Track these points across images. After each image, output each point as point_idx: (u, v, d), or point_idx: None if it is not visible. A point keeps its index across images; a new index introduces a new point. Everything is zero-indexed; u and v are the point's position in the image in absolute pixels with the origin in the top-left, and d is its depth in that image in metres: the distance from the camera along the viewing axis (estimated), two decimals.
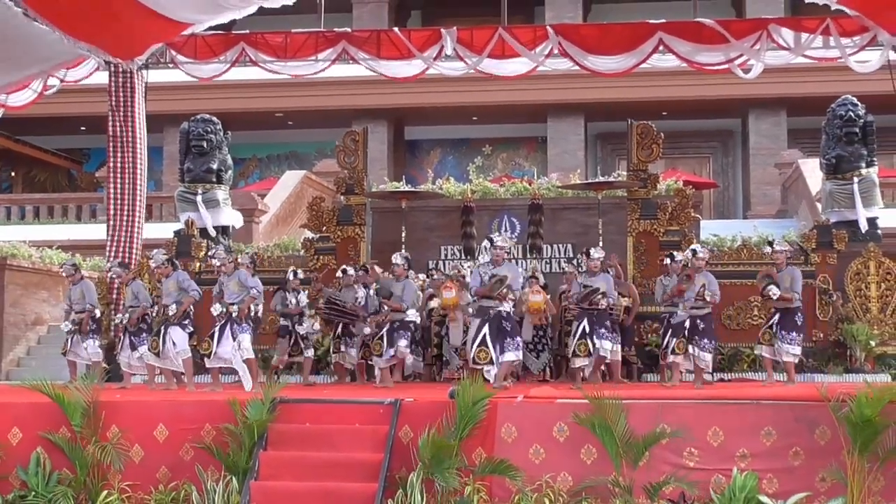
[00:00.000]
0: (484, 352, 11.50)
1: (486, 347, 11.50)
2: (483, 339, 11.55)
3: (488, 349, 11.49)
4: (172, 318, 12.32)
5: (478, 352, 11.53)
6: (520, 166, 29.96)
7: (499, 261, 12.01)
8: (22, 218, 24.58)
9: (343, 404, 10.07)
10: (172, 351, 12.31)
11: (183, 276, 12.56)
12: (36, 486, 9.49)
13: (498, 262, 12.02)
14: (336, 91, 26.60)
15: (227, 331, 12.01)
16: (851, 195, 15.75)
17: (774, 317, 12.18)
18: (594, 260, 12.36)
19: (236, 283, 12.16)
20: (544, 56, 15.10)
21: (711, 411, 9.27)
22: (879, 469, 8.71)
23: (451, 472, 8.87)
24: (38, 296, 18.99)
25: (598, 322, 12.13)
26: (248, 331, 12.01)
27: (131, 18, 13.49)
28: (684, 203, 14.92)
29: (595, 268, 12.35)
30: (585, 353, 12.04)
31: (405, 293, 12.58)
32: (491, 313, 11.66)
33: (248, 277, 12.41)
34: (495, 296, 11.62)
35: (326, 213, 15.44)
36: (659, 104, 26.49)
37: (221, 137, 17.21)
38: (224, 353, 11.98)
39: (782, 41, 14.60)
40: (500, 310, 11.66)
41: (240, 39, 15.46)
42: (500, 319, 11.65)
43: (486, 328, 11.59)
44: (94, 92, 18.66)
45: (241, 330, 11.92)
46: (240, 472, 9.27)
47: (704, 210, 26.85)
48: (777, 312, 12.15)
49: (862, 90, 17.75)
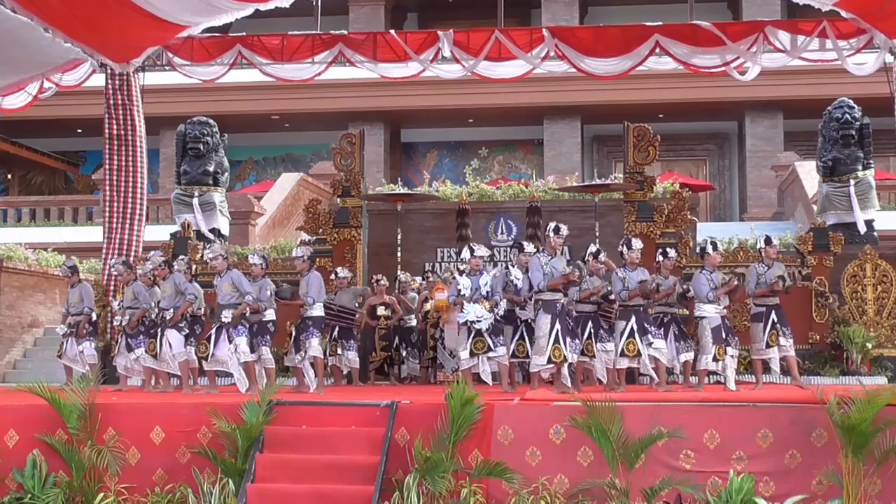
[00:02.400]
0: (558, 349, 10.85)
1: (560, 344, 10.83)
2: (556, 336, 10.86)
3: (562, 347, 10.82)
4: (170, 321, 12.30)
5: (553, 349, 10.85)
6: (516, 169, 30.01)
7: (477, 269, 11.50)
8: (18, 220, 24.58)
9: (339, 407, 10.06)
10: (169, 354, 12.29)
11: (180, 279, 12.53)
12: (32, 489, 9.47)
13: (480, 269, 11.54)
14: (332, 93, 26.60)
15: (224, 334, 11.99)
16: (848, 198, 15.78)
17: (772, 316, 11.77)
18: (635, 251, 11.68)
19: (229, 285, 12.10)
20: (541, 58, 15.13)
21: (708, 414, 9.26)
22: (875, 472, 8.71)
23: (443, 476, 8.85)
24: (34, 298, 18.97)
25: (647, 320, 11.53)
26: (244, 333, 11.94)
27: (127, 20, 13.51)
28: (681, 205, 14.93)
29: (637, 260, 11.68)
30: (634, 353, 11.31)
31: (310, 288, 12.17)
32: (558, 308, 10.99)
33: (185, 282, 12.42)
34: (572, 279, 10.95)
35: (323, 215, 15.44)
36: (655, 107, 26.52)
37: (218, 140, 17.21)
38: (222, 356, 11.96)
39: (778, 44, 14.64)
40: (563, 302, 11.09)
41: (236, 42, 15.47)
42: (565, 314, 11.08)
43: (557, 324, 10.89)
44: (90, 94, 18.63)
45: (238, 333, 11.87)
46: (236, 475, 9.25)
47: (701, 212, 26.86)
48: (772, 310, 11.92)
49: (858, 93, 17.77)
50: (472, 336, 11.30)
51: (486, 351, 11.29)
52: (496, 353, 11.34)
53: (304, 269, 12.30)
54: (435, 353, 13.94)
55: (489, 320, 11.29)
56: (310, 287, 12.07)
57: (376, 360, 14.05)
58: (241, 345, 11.84)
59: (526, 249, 11.63)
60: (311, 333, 11.94)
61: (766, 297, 11.78)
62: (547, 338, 10.82)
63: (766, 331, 11.69)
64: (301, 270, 12.36)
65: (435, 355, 13.95)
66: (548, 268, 11.05)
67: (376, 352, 14.00)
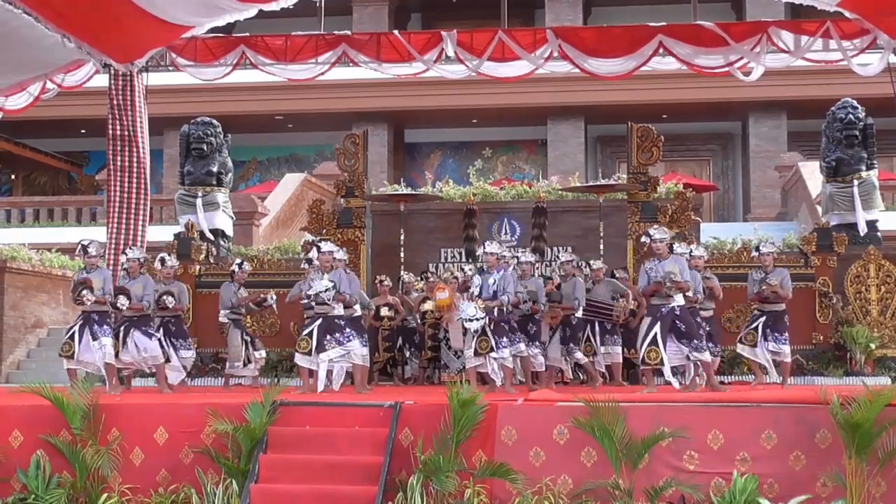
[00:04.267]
0: (654, 351, 10.89)
1: (657, 347, 10.89)
2: (654, 338, 10.93)
3: (659, 349, 10.87)
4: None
5: (648, 351, 10.94)
6: (520, 169, 30.01)
7: (495, 266, 11.65)
8: (22, 221, 24.60)
9: (343, 407, 10.06)
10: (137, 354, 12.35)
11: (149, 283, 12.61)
12: (36, 489, 9.48)
13: (495, 267, 11.69)
14: (336, 94, 26.61)
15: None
16: (851, 198, 15.78)
17: (760, 319, 12.26)
18: (664, 240, 11.34)
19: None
20: (544, 59, 15.10)
21: (711, 414, 9.25)
22: (879, 473, 8.69)
23: (447, 476, 8.85)
24: (37, 299, 19.00)
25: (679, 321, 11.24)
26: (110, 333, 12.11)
27: (130, 21, 13.48)
28: (684, 206, 14.92)
29: (663, 249, 11.37)
30: (657, 360, 11.03)
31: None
32: (663, 311, 11.03)
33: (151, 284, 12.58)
34: (666, 291, 10.95)
35: (326, 215, 15.44)
36: (659, 107, 26.50)
37: (221, 140, 17.22)
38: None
39: (782, 44, 14.60)
40: (673, 306, 11.05)
41: (240, 42, 15.45)
42: (674, 318, 11.11)
43: (657, 327, 10.96)
44: (94, 95, 18.65)
45: (103, 332, 12.11)
46: (239, 475, 9.26)
47: (704, 213, 26.88)
48: (763, 315, 12.22)
49: (862, 93, 17.75)
50: (478, 335, 11.32)
51: (489, 350, 11.30)
52: (499, 353, 11.33)
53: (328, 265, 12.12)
54: (433, 354, 13.94)
55: (482, 321, 11.30)
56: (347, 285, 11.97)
57: (380, 360, 14.05)
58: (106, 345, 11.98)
59: (487, 249, 11.79)
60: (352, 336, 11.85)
61: (765, 302, 11.98)
62: (641, 340, 11.06)
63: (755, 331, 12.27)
64: (324, 267, 12.13)
65: (433, 355, 13.95)
66: (653, 272, 11.11)
67: (379, 352, 14.00)
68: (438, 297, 12.41)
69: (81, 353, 12.13)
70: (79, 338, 12.01)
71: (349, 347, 11.75)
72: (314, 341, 11.72)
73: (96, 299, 11.91)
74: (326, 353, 11.66)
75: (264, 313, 14.58)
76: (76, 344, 12.17)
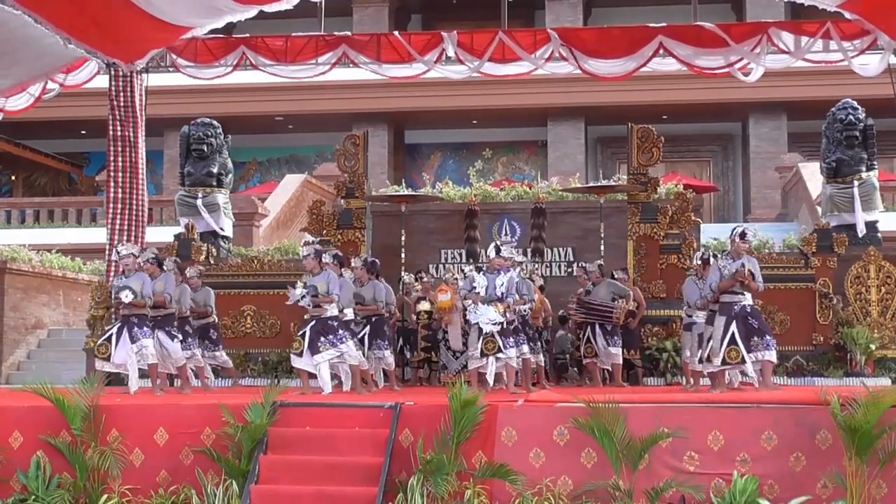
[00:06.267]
0: (735, 350, 10.86)
1: (737, 346, 10.87)
2: (732, 337, 10.89)
3: (739, 348, 10.86)
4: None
5: (728, 351, 10.89)
6: (520, 170, 30.01)
7: (501, 268, 11.60)
8: (22, 222, 24.60)
9: (343, 408, 10.06)
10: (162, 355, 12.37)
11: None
12: (36, 490, 9.47)
13: (500, 269, 11.63)
14: (336, 95, 26.63)
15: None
16: (851, 199, 15.75)
17: (731, 325, 11.04)
18: (752, 242, 11.35)
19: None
20: (545, 60, 15.10)
21: (711, 415, 9.24)
22: (880, 474, 8.69)
23: (447, 477, 8.85)
24: (38, 299, 19.00)
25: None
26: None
27: (131, 22, 13.50)
28: (685, 206, 14.93)
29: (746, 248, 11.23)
30: (737, 359, 10.97)
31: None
32: (735, 309, 11.01)
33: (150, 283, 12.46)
34: (739, 283, 10.92)
35: (327, 216, 15.44)
36: (659, 108, 26.51)
37: (222, 141, 17.20)
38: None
39: (782, 45, 14.61)
40: (745, 304, 11.06)
41: (240, 43, 15.46)
42: (746, 315, 11.06)
43: (733, 326, 10.91)
44: (94, 95, 18.67)
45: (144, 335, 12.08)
46: (240, 476, 9.26)
47: (705, 214, 26.90)
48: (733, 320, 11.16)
49: (862, 94, 17.75)
50: (484, 336, 11.35)
51: (496, 351, 11.33)
52: (506, 354, 11.37)
53: (315, 268, 11.97)
54: (427, 354, 13.93)
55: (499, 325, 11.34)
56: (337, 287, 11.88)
57: (417, 359, 14.06)
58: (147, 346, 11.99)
59: (502, 253, 11.74)
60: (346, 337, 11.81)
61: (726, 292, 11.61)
62: (719, 340, 10.96)
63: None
64: (311, 269, 12.01)
65: (427, 356, 13.94)
66: (725, 270, 11.09)
67: (417, 351, 13.99)
68: (440, 298, 12.38)
69: (116, 355, 12.03)
70: (116, 340, 11.98)
71: (343, 349, 11.71)
72: (306, 342, 11.70)
73: (134, 302, 11.93)
74: (321, 355, 11.63)
75: (265, 314, 14.63)
76: (112, 346, 12.07)
